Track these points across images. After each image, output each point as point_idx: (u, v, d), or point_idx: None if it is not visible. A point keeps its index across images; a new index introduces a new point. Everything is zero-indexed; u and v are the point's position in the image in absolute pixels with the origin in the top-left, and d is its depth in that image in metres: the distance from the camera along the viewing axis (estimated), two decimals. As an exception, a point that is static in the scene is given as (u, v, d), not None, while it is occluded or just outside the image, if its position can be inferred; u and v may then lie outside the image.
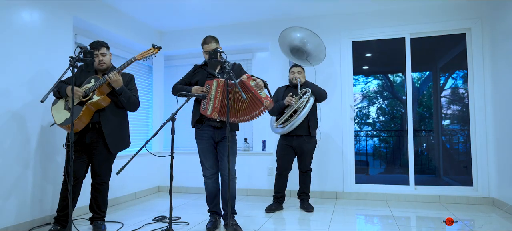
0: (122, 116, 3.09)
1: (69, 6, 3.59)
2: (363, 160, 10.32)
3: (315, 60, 4.09)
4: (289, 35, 4.01)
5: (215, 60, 2.75)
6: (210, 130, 3.01)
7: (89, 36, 4.13)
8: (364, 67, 8.79)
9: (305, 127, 3.69)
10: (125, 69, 3.02)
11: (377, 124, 12.88)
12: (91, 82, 2.91)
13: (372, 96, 12.20)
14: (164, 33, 5.24)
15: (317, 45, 4.03)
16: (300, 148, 3.71)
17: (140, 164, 4.79)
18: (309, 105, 3.63)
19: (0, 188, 2.86)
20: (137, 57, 3.00)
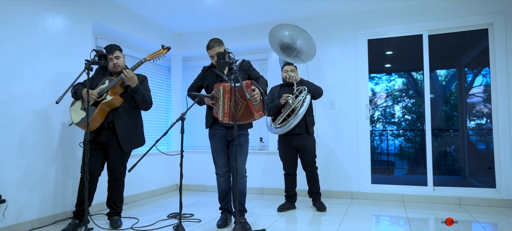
0: (135, 115, 3.21)
1: (89, 11, 3.77)
2: (388, 160, 10.10)
3: (306, 56, 4.07)
4: (277, 33, 3.99)
5: (223, 61, 2.81)
6: (223, 129, 3.08)
7: (109, 40, 4.31)
8: (387, 65, 8.61)
9: (303, 125, 3.69)
10: (140, 71, 3.14)
11: (403, 123, 12.55)
12: (105, 83, 3.05)
13: (397, 95, 11.91)
14: (181, 35, 5.37)
15: (307, 41, 4.03)
16: (301, 145, 3.71)
17: (159, 162, 4.94)
18: (306, 104, 3.63)
19: (26, 182, 3.06)
20: (147, 58, 3.12)
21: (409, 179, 7.34)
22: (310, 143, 3.72)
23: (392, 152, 10.59)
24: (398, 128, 13.35)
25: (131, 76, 3.02)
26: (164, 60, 5.34)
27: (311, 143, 3.73)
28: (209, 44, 3.12)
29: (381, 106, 11.76)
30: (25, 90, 3.08)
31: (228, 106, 2.90)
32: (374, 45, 4.57)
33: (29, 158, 3.10)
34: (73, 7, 3.58)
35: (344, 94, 4.50)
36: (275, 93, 3.85)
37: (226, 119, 2.91)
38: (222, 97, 2.91)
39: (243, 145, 3.09)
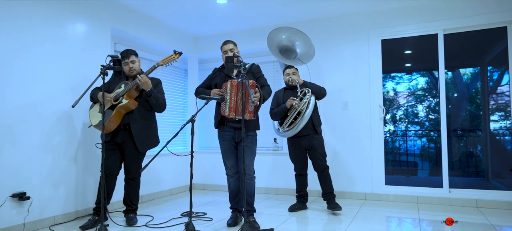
0: (150, 117, 3.36)
1: (107, 17, 3.95)
2: (407, 160, 9.88)
3: (305, 57, 4.08)
4: (275, 37, 4.02)
5: (231, 64, 2.90)
6: (231, 131, 3.17)
7: (127, 44, 4.50)
8: (407, 64, 8.45)
9: (310, 126, 3.73)
10: (158, 73, 3.28)
11: (427, 123, 12.23)
12: (121, 87, 3.21)
13: (420, 94, 11.62)
14: (198, 38, 5.51)
15: (304, 41, 4.05)
16: (310, 144, 3.74)
17: (177, 162, 5.09)
18: (311, 105, 3.67)
19: (49, 180, 3.26)
20: (160, 63, 3.25)
21: (430, 181, 7.18)
22: (319, 142, 3.76)
23: (416, 152, 10.36)
24: (421, 128, 13.04)
25: (145, 81, 3.16)
26: (181, 62, 5.52)
27: (319, 142, 3.76)
28: (224, 42, 3.28)
29: (403, 106, 11.52)
30: (48, 93, 3.28)
31: (234, 101, 2.98)
32: (392, 44, 4.54)
33: (53, 157, 3.30)
34: (92, 14, 3.77)
35: (357, 95, 4.49)
36: (280, 97, 3.89)
37: (233, 114, 2.99)
38: (229, 92, 2.99)
39: (250, 146, 3.16)
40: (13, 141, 2.98)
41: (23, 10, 3.10)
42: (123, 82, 3.24)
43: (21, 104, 3.05)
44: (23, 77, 3.08)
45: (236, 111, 2.99)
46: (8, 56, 2.97)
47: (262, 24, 5.00)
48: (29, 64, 3.13)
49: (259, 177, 4.94)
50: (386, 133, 10.50)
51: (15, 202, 2.97)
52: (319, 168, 3.76)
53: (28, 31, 3.14)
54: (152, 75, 3.43)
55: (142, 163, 3.38)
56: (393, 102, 11.49)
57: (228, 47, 3.24)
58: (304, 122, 3.64)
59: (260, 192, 4.97)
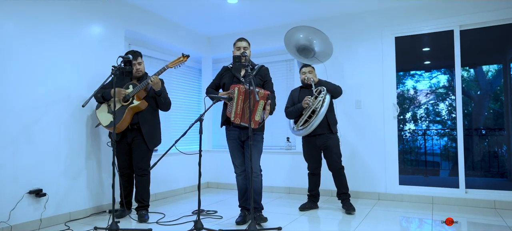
0: (156, 116, 3.52)
1: (121, 19, 4.05)
2: (431, 160, 9.63)
3: (323, 56, 4.03)
4: (293, 36, 3.99)
5: (239, 64, 2.92)
6: (237, 130, 3.20)
7: (142, 45, 4.60)
8: (426, 62, 8.24)
9: (325, 125, 3.68)
10: (173, 73, 3.35)
11: (449, 121, 11.87)
12: (130, 88, 3.31)
13: (442, 92, 11.27)
14: (211, 38, 5.57)
15: (322, 40, 4.00)
16: (324, 144, 3.71)
17: (190, 161, 5.16)
18: (326, 104, 3.63)
19: (65, 177, 3.38)
20: (169, 65, 3.39)
21: (448, 181, 6.95)
22: (334, 142, 3.72)
23: (437, 152, 10.08)
24: (443, 126, 12.67)
25: (157, 81, 3.27)
26: (195, 62, 5.59)
27: (334, 141, 3.72)
28: (237, 39, 3.30)
29: (423, 105, 11.23)
30: (63, 92, 3.39)
31: (241, 107, 3.01)
32: (409, 41, 4.45)
33: (68, 154, 3.42)
34: (107, 15, 3.87)
35: (370, 94, 4.42)
36: (295, 96, 3.88)
37: (238, 120, 3.03)
38: (236, 98, 3.02)
39: (256, 144, 3.18)
40: (30, 139, 3.11)
41: (40, 12, 3.23)
42: (130, 83, 3.35)
43: (38, 103, 3.18)
44: (40, 77, 3.20)
45: (242, 118, 3.02)
46: (26, 59, 3.10)
47: (274, 23, 5.00)
48: (45, 65, 3.26)
49: (272, 176, 4.95)
50: (406, 132, 10.29)
51: (32, 199, 3.10)
52: (333, 168, 3.72)
53: (45, 32, 3.26)
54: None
55: (150, 160, 3.48)
56: (413, 100, 11.23)
57: (241, 44, 3.26)
58: (318, 121, 3.61)
59: (273, 190, 4.98)
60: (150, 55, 4.73)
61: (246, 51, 3.21)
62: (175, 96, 5.17)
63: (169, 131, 4.98)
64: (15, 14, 3.04)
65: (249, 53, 3.24)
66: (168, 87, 5.06)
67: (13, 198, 2.97)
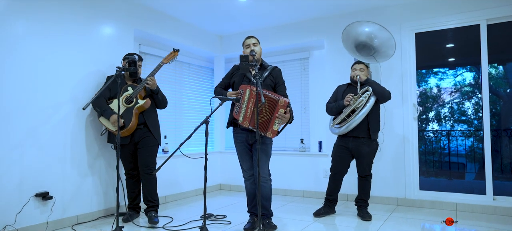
0: (156, 113, 3.55)
1: (130, 19, 3.98)
2: (455, 161, 9.18)
3: (381, 56, 3.79)
4: (354, 30, 3.74)
5: (245, 64, 2.77)
6: (244, 133, 3.07)
7: (152, 45, 4.53)
8: (450, 59, 7.84)
9: (365, 129, 3.42)
10: (185, 74, 3.27)
11: (475, 121, 11.33)
12: (129, 90, 3.26)
13: (467, 91, 10.75)
14: (223, 37, 5.45)
15: (385, 40, 3.72)
16: (357, 150, 3.46)
17: (201, 162, 5.06)
18: (369, 105, 3.36)
19: (71, 180, 3.33)
20: (164, 61, 3.42)
21: (474, 186, 6.54)
22: (369, 149, 3.45)
23: (462, 153, 9.62)
24: (469, 126, 12.12)
25: (153, 82, 3.31)
26: (207, 62, 5.50)
27: (370, 149, 3.46)
28: (247, 37, 3.16)
29: (448, 104, 10.77)
30: (72, 94, 3.34)
31: (251, 111, 2.87)
32: (431, 37, 4.19)
33: (75, 157, 3.37)
34: (115, 16, 3.81)
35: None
36: (340, 92, 3.64)
37: (246, 123, 2.90)
38: (246, 100, 2.88)
39: (264, 148, 3.04)
40: (37, 142, 3.07)
41: (47, 11, 3.19)
42: (128, 85, 3.32)
43: (45, 105, 3.14)
44: (47, 77, 3.17)
45: (251, 122, 2.90)
46: (35, 60, 3.07)
47: (287, 21, 4.83)
48: (54, 66, 3.22)
49: (285, 179, 4.79)
50: (429, 132, 9.87)
51: (38, 202, 3.06)
52: (361, 173, 3.53)
53: (52, 32, 3.22)
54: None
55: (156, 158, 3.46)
56: (436, 99, 10.77)
57: (250, 42, 3.10)
58: (357, 122, 3.35)
59: (286, 194, 4.82)
60: (160, 55, 4.65)
61: (255, 48, 3.06)
62: (187, 96, 5.09)
63: (181, 131, 4.90)
64: (23, 14, 3.00)
65: (259, 50, 3.10)
66: (180, 87, 5.00)
67: (20, 201, 2.94)
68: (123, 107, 3.26)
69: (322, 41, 4.71)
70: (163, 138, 4.59)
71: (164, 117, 4.64)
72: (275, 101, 2.81)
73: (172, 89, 4.84)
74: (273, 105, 2.82)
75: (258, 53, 3.09)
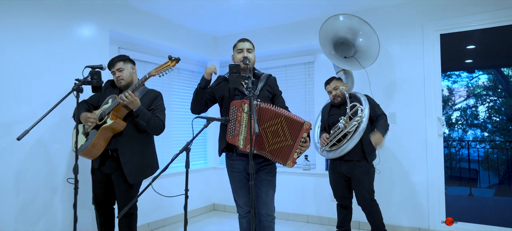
0: (144, 141, 2.72)
1: (105, 19, 3.39)
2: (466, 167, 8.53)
3: (365, 58, 3.23)
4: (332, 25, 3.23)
5: (236, 75, 2.17)
6: (243, 160, 2.46)
7: (134, 49, 3.94)
8: (467, 61, 7.23)
9: (358, 151, 2.91)
10: (175, 80, 2.67)
11: (489, 125, 10.67)
12: (108, 103, 2.61)
13: (480, 93, 10.09)
14: (217, 39, 4.85)
15: (367, 36, 3.22)
16: (352, 174, 2.95)
17: (194, 180, 4.49)
18: (362, 128, 2.83)
19: (26, 216, 2.76)
20: (152, 73, 2.61)
21: (500, 204, 5.90)
22: (365, 171, 2.93)
23: (474, 158, 8.97)
24: (482, 131, 11.36)
25: (131, 99, 2.49)
26: (199, 66, 4.90)
27: (365, 171, 2.93)
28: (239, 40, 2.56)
29: (460, 108, 10.05)
30: (29, 110, 2.76)
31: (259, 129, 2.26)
32: (451, 38, 3.58)
33: (29, 189, 2.79)
34: (86, 15, 3.23)
35: (408, 105, 3.58)
36: (325, 115, 3.17)
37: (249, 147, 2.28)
38: (246, 119, 2.27)
39: (270, 178, 2.45)
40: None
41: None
42: (110, 96, 2.64)
43: (-8, 126, 2.56)
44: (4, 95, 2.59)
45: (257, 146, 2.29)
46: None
47: (290, 20, 4.23)
48: (14, 80, 2.65)
49: (286, 201, 4.19)
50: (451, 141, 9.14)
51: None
52: (362, 204, 2.96)
53: (10, 46, 2.65)
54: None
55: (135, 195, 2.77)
56: (447, 102, 10.08)
57: (243, 46, 2.49)
58: (351, 145, 2.84)
59: (288, 218, 4.22)
60: (145, 60, 4.06)
61: (249, 55, 2.47)
62: (176, 105, 4.51)
63: (169, 145, 4.32)
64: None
65: (252, 58, 2.50)
66: (168, 95, 4.40)
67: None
68: (94, 124, 2.60)
69: (329, 43, 4.10)
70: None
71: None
72: (299, 124, 2.20)
73: (158, 99, 4.26)
74: (297, 129, 2.21)
75: (252, 61, 2.50)
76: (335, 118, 3.03)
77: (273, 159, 2.29)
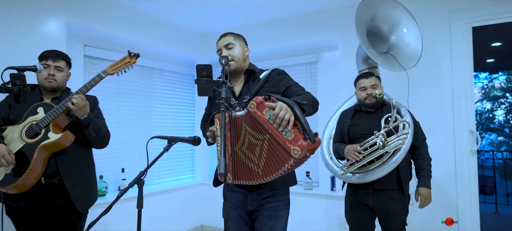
0: (86, 158, 2.16)
1: (59, 11, 2.79)
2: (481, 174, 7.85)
3: (405, 58, 2.55)
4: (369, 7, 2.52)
5: (205, 81, 1.56)
6: (240, 193, 1.85)
7: (103, 47, 3.35)
8: (489, 60, 6.55)
9: (392, 178, 2.21)
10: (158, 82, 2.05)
11: (506, 129, 9.96)
12: (39, 113, 1.99)
13: (497, 95, 9.38)
14: (206, 35, 4.24)
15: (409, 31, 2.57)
16: (382, 209, 2.24)
17: (180, 198, 3.89)
18: (405, 150, 2.14)
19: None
20: (108, 71, 2.09)
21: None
22: (399, 206, 2.24)
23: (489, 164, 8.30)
24: (499, 135, 10.65)
25: (82, 104, 1.93)
26: (187, 68, 4.30)
27: (400, 206, 2.24)
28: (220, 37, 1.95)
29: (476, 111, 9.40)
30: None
31: (230, 152, 1.63)
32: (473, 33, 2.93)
33: None
34: (42, 4, 2.64)
35: (432, 115, 2.93)
36: (345, 125, 2.40)
37: (229, 176, 1.67)
38: (221, 137, 1.63)
39: (279, 216, 1.83)
40: None
41: None
42: (39, 104, 2.00)
43: None
44: None
45: (236, 174, 1.66)
46: None
47: (289, 14, 3.62)
48: None
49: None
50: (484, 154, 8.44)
51: None
52: None
53: None
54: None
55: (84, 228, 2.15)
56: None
57: (221, 43, 1.91)
58: (387, 171, 2.14)
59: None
60: (113, 58, 3.44)
61: (230, 53, 1.87)
62: (158, 112, 3.92)
63: (153, 153, 3.70)
64: None
65: (239, 54, 1.89)
66: (149, 101, 3.81)
67: None
68: (20, 143, 1.93)
69: (335, 40, 3.47)
70: (120, 172, 3.41)
71: (126, 138, 3.48)
72: (249, 113, 1.57)
73: (136, 104, 3.66)
74: (256, 121, 1.56)
75: (239, 58, 1.88)
76: (360, 130, 2.31)
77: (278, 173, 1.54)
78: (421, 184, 2.25)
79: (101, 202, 2.98)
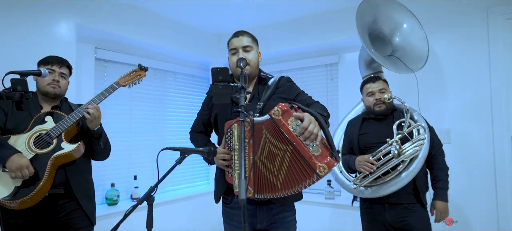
0: (89, 168, 2.08)
1: (70, 12, 2.68)
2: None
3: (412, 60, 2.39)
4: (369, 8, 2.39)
5: (222, 86, 1.40)
6: (248, 209, 1.69)
7: (115, 49, 3.23)
8: None
9: (409, 190, 2.03)
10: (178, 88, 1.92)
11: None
12: (47, 122, 1.87)
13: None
14: (222, 36, 4.08)
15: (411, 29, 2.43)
16: (405, 225, 2.04)
17: (196, 207, 3.74)
18: (423, 157, 1.97)
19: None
20: (121, 83, 2.05)
21: None
22: (422, 221, 2.05)
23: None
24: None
25: (97, 115, 1.85)
26: (200, 69, 4.16)
27: (423, 220, 2.05)
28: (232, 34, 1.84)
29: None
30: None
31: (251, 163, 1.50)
32: None
33: None
34: (51, 5, 2.53)
35: (468, 118, 2.69)
36: (354, 134, 2.23)
37: (250, 190, 1.53)
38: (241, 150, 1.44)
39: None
40: None
41: None
42: (45, 113, 1.88)
43: None
44: None
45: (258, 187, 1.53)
46: None
47: (308, 12, 3.43)
48: None
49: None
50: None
51: None
52: None
53: None
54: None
55: None
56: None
57: (239, 43, 1.77)
58: (404, 182, 1.97)
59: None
60: (129, 62, 3.33)
61: (247, 56, 1.72)
62: (172, 117, 3.79)
63: (163, 164, 3.56)
64: None
65: (254, 59, 1.76)
66: (162, 105, 3.69)
67: None
68: (29, 153, 1.78)
69: (357, 40, 3.24)
70: (132, 179, 3.27)
71: (139, 144, 3.34)
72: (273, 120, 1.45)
73: (148, 108, 3.53)
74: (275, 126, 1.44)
75: (254, 63, 1.73)
76: (371, 138, 2.15)
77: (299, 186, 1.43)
78: (437, 196, 2.07)
79: (113, 211, 2.87)
